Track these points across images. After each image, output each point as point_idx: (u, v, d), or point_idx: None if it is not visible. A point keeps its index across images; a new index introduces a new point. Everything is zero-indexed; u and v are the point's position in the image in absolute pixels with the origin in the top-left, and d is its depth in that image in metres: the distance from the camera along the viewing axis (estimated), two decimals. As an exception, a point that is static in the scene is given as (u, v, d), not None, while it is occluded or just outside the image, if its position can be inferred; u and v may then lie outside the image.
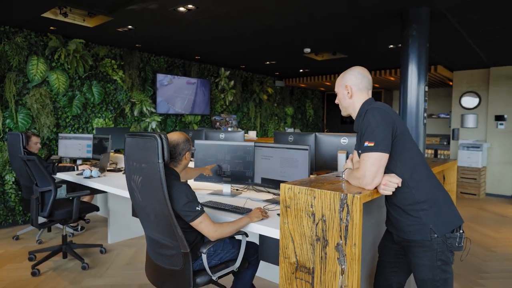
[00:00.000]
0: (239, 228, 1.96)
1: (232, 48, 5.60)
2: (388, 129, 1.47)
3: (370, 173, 1.46)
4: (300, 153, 2.42)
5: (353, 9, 3.65)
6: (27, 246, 3.89)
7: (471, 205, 6.28)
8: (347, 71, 1.71)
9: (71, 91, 5.07)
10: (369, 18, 3.94)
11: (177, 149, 1.99)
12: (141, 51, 5.91)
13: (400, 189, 1.53)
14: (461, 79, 7.33)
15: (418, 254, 1.55)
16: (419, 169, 1.54)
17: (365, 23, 4.17)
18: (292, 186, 1.60)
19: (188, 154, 2.03)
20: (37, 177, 3.28)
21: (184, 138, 2.03)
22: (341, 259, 1.45)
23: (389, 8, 3.61)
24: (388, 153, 1.47)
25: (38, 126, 4.72)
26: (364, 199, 1.45)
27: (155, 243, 1.97)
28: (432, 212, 1.51)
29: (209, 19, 4.05)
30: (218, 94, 7.40)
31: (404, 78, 3.62)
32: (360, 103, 1.66)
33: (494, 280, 3.17)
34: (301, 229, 1.57)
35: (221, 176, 2.84)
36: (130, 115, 5.85)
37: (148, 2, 3.46)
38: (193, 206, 1.82)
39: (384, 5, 3.51)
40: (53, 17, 4.05)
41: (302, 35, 4.78)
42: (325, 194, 1.49)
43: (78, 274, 3.20)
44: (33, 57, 4.67)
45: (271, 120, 8.94)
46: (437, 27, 4.22)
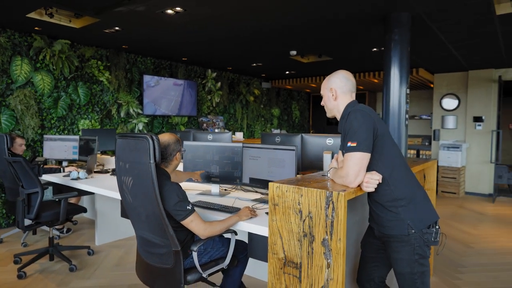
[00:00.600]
0: (229, 227, 2.01)
1: (218, 50, 5.65)
2: (369, 130, 1.56)
3: (353, 171, 1.54)
4: (287, 154, 2.49)
5: (338, 14, 3.76)
6: (12, 249, 3.84)
7: (451, 203, 6.50)
8: (332, 74, 1.80)
9: (56, 92, 5.02)
10: (353, 22, 4.06)
11: (168, 150, 2.04)
12: (128, 52, 5.89)
13: (381, 187, 1.62)
14: (441, 82, 7.58)
15: (396, 249, 1.64)
16: (398, 168, 1.64)
17: (349, 27, 4.29)
18: (280, 184, 1.67)
19: (179, 155, 2.09)
20: (23, 178, 3.25)
21: (175, 139, 2.08)
22: (327, 253, 1.53)
23: (372, 13, 3.73)
24: (369, 152, 1.56)
25: (23, 128, 4.66)
26: (348, 196, 1.53)
27: (146, 242, 2.01)
28: (410, 209, 1.61)
29: (196, 22, 4.09)
30: (205, 95, 7.44)
31: (387, 80, 3.75)
32: (344, 105, 1.74)
33: (471, 274, 3.32)
34: (289, 225, 1.65)
35: (210, 176, 2.89)
36: (116, 116, 5.82)
37: (136, 4, 3.48)
38: (184, 206, 1.87)
39: (368, 10, 3.63)
40: (38, 17, 4.01)
41: (288, 38, 4.87)
42: (312, 192, 1.56)
43: (66, 276, 3.19)
44: (17, 58, 4.61)
45: (258, 121, 9.01)
46: (418, 32, 4.37)
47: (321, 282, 1.55)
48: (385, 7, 3.53)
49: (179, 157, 2.10)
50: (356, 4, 3.45)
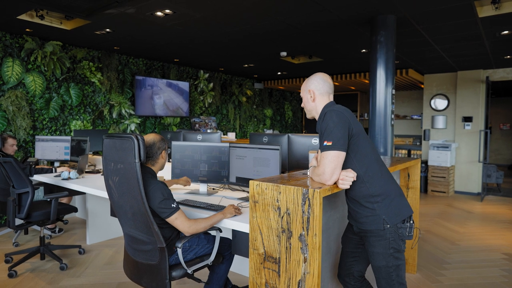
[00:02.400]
0: (213, 224, 2.07)
1: (210, 51, 5.71)
2: (344, 129, 1.63)
3: (329, 169, 1.61)
4: (271, 153, 2.56)
5: (326, 16, 3.83)
6: (3, 249, 3.87)
7: (440, 202, 6.60)
8: (310, 77, 1.86)
9: (48, 93, 5.05)
10: (341, 25, 4.14)
11: (154, 148, 2.10)
12: (120, 53, 5.93)
13: (357, 184, 1.69)
14: (431, 82, 7.69)
15: (373, 243, 1.71)
16: (373, 166, 1.71)
17: (337, 30, 4.37)
18: (260, 182, 1.73)
19: (164, 153, 2.15)
20: (14, 179, 3.29)
21: (159, 138, 2.14)
22: (304, 248, 1.60)
23: (359, 16, 3.81)
24: (344, 151, 1.63)
25: (14, 129, 4.69)
26: (323, 193, 1.59)
27: (133, 239, 2.06)
28: (384, 204, 1.68)
29: (186, 24, 4.15)
30: (197, 96, 7.49)
31: (373, 81, 3.83)
32: (321, 106, 1.81)
33: (454, 270, 3.41)
34: (268, 222, 1.71)
35: (197, 175, 2.95)
36: (108, 117, 5.85)
37: (126, 7, 3.53)
38: (168, 203, 1.93)
39: (354, 13, 3.71)
40: (29, 19, 4.05)
41: (278, 40, 4.94)
42: (289, 190, 1.63)
43: (57, 275, 3.23)
44: (8, 59, 4.63)
45: (251, 121, 9.08)
46: (405, 33, 4.47)
47: (298, 276, 1.62)
48: (371, 9, 3.61)
49: (165, 155, 2.16)
50: (343, 7, 3.52)
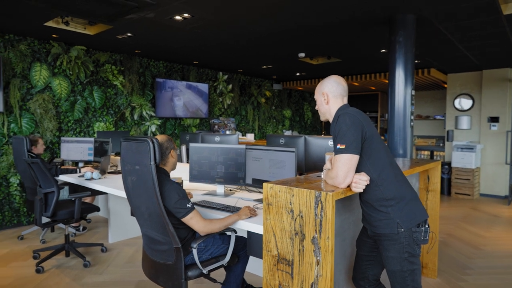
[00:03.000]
0: (228, 225, 2.10)
1: (228, 53, 5.77)
2: (357, 132, 1.62)
3: (342, 173, 1.60)
4: (287, 155, 2.57)
5: (344, 16, 3.80)
6: (31, 246, 4.05)
7: (465, 205, 6.40)
8: (325, 79, 1.87)
9: (73, 96, 5.25)
10: (359, 25, 4.10)
11: (162, 149, 2.16)
12: (141, 56, 6.08)
13: (370, 187, 1.68)
14: (454, 82, 7.47)
15: (387, 247, 1.70)
16: (387, 169, 1.69)
17: (356, 30, 4.32)
18: (273, 185, 1.75)
19: (173, 152, 2.21)
20: (41, 179, 3.44)
21: (166, 138, 2.21)
22: (317, 251, 1.60)
23: (378, 16, 3.76)
24: (358, 154, 1.62)
25: (42, 130, 4.90)
26: (336, 196, 1.59)
27: (150, 240, 2.12)
28: (398, 208, 1.66)
29: (204, 27, 4.21)
30: (216, 97, 7.57)
31: (392, 82, 3.76)
32: (335, 109, 1.81)
33: (478, 276, 3.31)
34: (281, 224, 1.72)
35: (215, 177, 2.99)
36: (130, 119, 6.02)
37: (146, 12, 3.63)
38: (183, 203, 1.98)
39: (373, 12, 3.66)
40: (55, 25, 4.22)
41: (296, 40, 4.94)
42: (302, 192, 1.64)
43: (80, 271, 3.36)
44: (36, 64, 4.85)
45: (269, 122, 9.09)
46: (426, 33, 4.37)
47: (311, 279, 1.62)
48: (390, 9, 3.56)
49: (174, 154, 2.22)
50: (361, 6, 3.49)
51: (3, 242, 4.20)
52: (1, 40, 4.57)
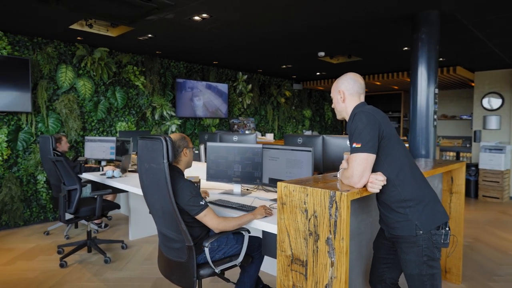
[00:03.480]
0: (242, 224, 2.10)
1: (247, 53, 5.78)
2: (373, 131, 1.57)
3: (357, 172, 1.56)
4: (304, 155, 2.54)
5: (364, 14, 3.72)
6: (56, 241, 4.20)
7: (493, 208, 6.13)
8: (341, 77, 1.83)
9: (96, 97, 5.40)
10: (381, 22, 4.00)
11: (175, 147, 2.16)
12: (162, 57, 6.19)
13: (387, 188, 1.63)
14: (482, 80, 7.17)
15: (405, 250, 1.64)
16: (405, 169, 1.63)
17: (377, 27, 4.23)
18: (287, 184, 1.73)
19: (186, 150, 2.19)
20: (65, 176, 3.56)
21: (180, 136, 2.21)
22: (331, 252, 1.57)
23: (400, 12, 3.66)
24: (374, 153, 1.57)
25: (67, 130, 5.06)
26: (351, 196, 1.55)
27: (165, 237, 2.14)
28: (417, 210, 1.60)
29: (223, 27, 4.23)
30: (236, 97, 7.60)
31: (414, 81, 3.65)
32: (352, 107, 1.77)
33: (506, 283, 3.15)
34: (295, 224, 1.70)
35: (231, 176, 3.00)
36: (151, 119, 6.13)
37: (165, 13, 3.68)
38: (197, 201, 1.98)
39: (395, 9, 3.56)
40: (80, 28, 4.36)
41: (315, 39, 4.88)
42: (316, 192, 1.61)
43: (101, 267, 3.44)
44: (62, 66, 5.02)
45: (289, 122, 9.04)
46: (451, 29, 4.21)
47: (325, 280, 1.59)
48: (412, 5, 3.45)
49: (187, 152, 2.20)
50: (383, 2, 3.40)
51: (31, 237, 4.37)
52: (30, 43, 4.76)
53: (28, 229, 4.68)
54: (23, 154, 4.75)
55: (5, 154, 4.56)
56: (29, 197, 4.82)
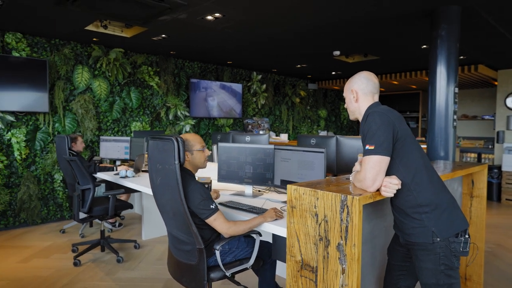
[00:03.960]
0: (253, 227, 2.05)
1: (261, 52, 5.72)
2: (388, 132, 1.50)
3: (370, 175, 1.49)
4: (316, 156, 2.47)
5: (381, 10, 3.62)
6: (72, 239, 4.26)
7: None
8: (354, 76, 1.75)
9: (112, 97, 5.46)
10: (399, 19, 3.88)
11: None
12: (176, 57, 6.21)
13: (402, 192, 1.55)
14: (506, 79, 6.89)
15: (421, 258, 1.55)
16: (421, 173, 1.55)
17: (394, 24, 4.10)
18: (297, 187, 1.67)
19: (188, 154, 2.07)
20: (79, 176, 3.60)
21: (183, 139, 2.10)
22: (342, 258, 1.50)
23: (418, 8, 3.54)
24: (388, 156, 1.50)
25: (83, 130, 5.14)
26: (363, 201, 1.48)
27: (175, 239, 2.12)
28: (434, 215, 1.51)
29: (236, 26, 4.20)
30: (250, 97, 7.56)
31: (433, 80, 3.52)
32: (365, 107, 1.69)
33: (530, 292, 2.99)
34: (305, 228, 1.64)
35: (243, 177, 2.95)
36: (165, 119, 6.16)
37: (178, 13, 3.67)
38: (207, 204, 1.94)
39: (413, 5, 3.44)
40: (95, 29, 4.41)
41: (329, 38, 4.78)
42: (327, 196, 1.54)
43: (113, 266, 3.46)
44: (79, 66, 5.10)
45: (304, 123, 8.94)
46: (473, 26, 4.05)
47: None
48: (432, 1, 3.33)
49: (189, 156, 2.07)
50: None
51: (47, 235, 4.45)
52: (48, 45, 4.85)
53: (45, 227, 4.78)
54: (40, 154, 4.85)
55: (23, 154, 4.66)
56: (46, 195, 4.92)
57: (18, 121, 4.66)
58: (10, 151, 4.61)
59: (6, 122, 4.56)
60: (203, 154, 2.14)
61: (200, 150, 2.12)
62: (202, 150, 2.13)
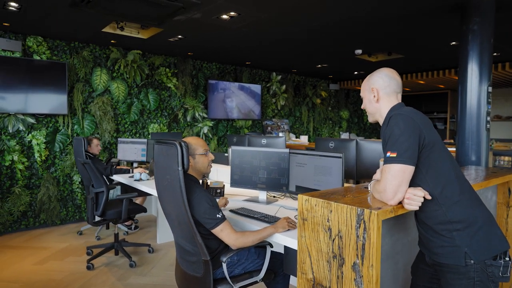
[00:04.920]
0: (263, 238, 1.90)
1: (279, 52, 5.57)
2: (413, 137, 1.31)
3: (391, 187, 1.31)
4: (333, 161, 2.30)
5: (406, 4, 3.39)
6: (88, 241, 4.25)
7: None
8: (374, 73, 1.58)
9: (130, 99, 5.46)
10: (425, 13, 3.63)
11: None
12: (194, 58, 6.15)
13: (429, 206, 1.36)
14: (545, 77, 6.41)
15: (452, 282, 1.36)
16: (452, 184, 1.35)
17: (420, 19, 3.85)
18: (309, 197, 1.51)
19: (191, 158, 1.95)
20: (93, 178, 3.57)
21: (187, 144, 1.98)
22: (358, 280, 1.33)
23: (447, 2, 3.28)
24: (413, 165, 1.31)
25: (101, 131, 5.16)
26: (383, 215, 1.31)
27: (181, 249, 2.00)
28: (467, 234, 1.31)
29: (252, 25, 4.07)
30: (269, 98, 7.41)
31: (463, 78, 3.25)
32: (387, 108, 1.51)
33: None
34: (317, 244, 1.48)
35: (256, 182, 2.81)
36: (183, 121, 6.11)
37: (192, 12, 3.58)
38: (213, 213, 1.82)
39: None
40: (112, 31, 4.40)
41: (352, 36, 4.57)
42: (342, 208, 1.38)
43: (126, 271, 3.40)
44: (97, 69, 5.12)
45: (325, 124, 8.70)
46: (508, 19, 3.74)
47: (351, 312, 1.35)
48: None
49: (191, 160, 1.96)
50: (424, -7, 3.07)
51: (65, 236, 4.48)
52: (68, 48, 4.89)
53: (64, 228, 4.81)
54: (60, 155, 4.90)
55: (43, 155, 4.72)
56: (65, 196, 4.96)
57: (39, 123, 4.72)
58: (31, 153, 4.68)
59: (27, 124, 4.63)
60: (206, 159, 2.01)
61: (202, 154, 1.99)
62: (205, 154, 2.00)
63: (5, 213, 4.47)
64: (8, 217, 4.51)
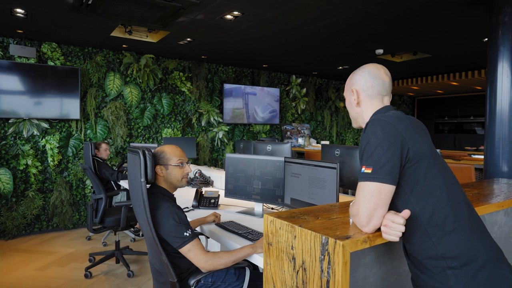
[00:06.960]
0: (238, 260, 1.68)
1: (294, 53, 5.32)
2: (393, 149, 1.04)
3: (365, 210, 1.05)
4: (327, 172, 2.03)
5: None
6: (94, 247, 4.21)
7: None
8: (357, 70, 1.32)
9: (143, 103, 5.43)
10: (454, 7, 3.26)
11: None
12: (209, 62, 6.04)
13: (416, 236, 1.07)
14: None
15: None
16: (443, 208, 1.05)
17: (449, 14, 3.47)
18: (274, 218, 1.27)
19: (163, 169, 1.77)
20: (94, 185, 3.51)
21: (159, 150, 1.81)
22: (323, 325, 1.07)
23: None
24: (392, 183, 1.04)
25: (113, 136, 5.15)
26: (352, 247, 1.04)
27: (152, 268, 1.83)
28: (465, 274, 1.01)
29: (260, 25, 3.86)
30: (289, 102, 7.16)
31: (492, 78, 2.86)
32: (370, 113, 1.25)
33: None
34: (282, 274, 1.24)
35: (251, 193, 2.59)
36: (197, 125, 6.01)
37: (194, 13, 3.44)
38: (180, 231, 1.62)
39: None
40: (122, 35, 4.37)
41: (370, 35, 4.24)
42: (306, 234, 1.13)
43: (122, 281, 3.29)
44: (110, 74, 5.13)
45: (350, 129, 8.28)
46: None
47: None
48: (488, -19, 2.70)
49: (163, 170, 1.77)
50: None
51: (74, 241, 4.48)
52: (81, 53, 4.94)
53: (75, 232, 4.83)
54: (73, 160, 4.93)
55: (56, 160, 4.77)
56: (77, 201, 4.99)
57: (52, 128, 4.78)
58: (44, 157, 4.74)
59: (41, 129, 4.70)
60: (181, 171, 1.81)
61: (177, 166, 1.79)
62: (179, 165, 1.80)
63: (19, 216, 4.55)
64: (22, 220, 4.58)
